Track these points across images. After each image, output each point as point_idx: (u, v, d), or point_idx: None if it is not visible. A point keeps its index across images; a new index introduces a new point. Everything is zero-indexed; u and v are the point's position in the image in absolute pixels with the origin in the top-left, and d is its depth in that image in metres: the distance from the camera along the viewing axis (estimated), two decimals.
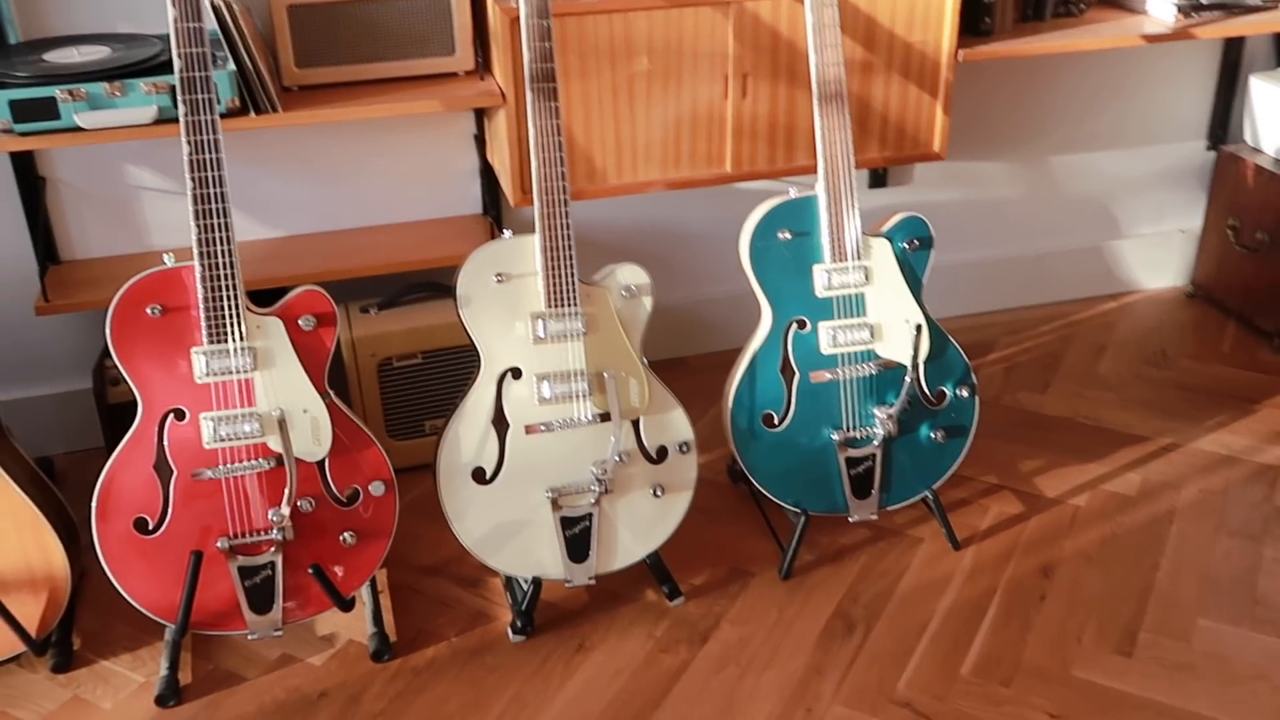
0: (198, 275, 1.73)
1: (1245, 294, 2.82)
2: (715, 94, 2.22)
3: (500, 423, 1.93)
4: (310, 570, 1.86)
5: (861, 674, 1.89)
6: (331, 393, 1.84)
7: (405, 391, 2.34)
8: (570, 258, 1.90)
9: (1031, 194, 2.89)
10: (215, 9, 1.97)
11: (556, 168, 1.88)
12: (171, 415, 1.78)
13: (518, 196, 2.19)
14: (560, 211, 1.89)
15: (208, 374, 1.76)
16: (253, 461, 1.80)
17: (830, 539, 2.19)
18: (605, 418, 1.95)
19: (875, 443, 2.08)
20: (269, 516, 1.82)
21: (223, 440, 1.78)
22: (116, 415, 2.20)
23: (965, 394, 2.12)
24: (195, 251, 1.73)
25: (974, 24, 2.39)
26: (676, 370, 2.77)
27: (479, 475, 1.93)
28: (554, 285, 1.90)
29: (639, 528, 2.01)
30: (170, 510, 1.80)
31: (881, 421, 2.06)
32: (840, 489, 2.11)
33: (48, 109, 1.96)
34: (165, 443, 1.78)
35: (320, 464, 1.85)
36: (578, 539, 1.97)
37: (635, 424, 1.98)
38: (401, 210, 2.49)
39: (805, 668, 1.90)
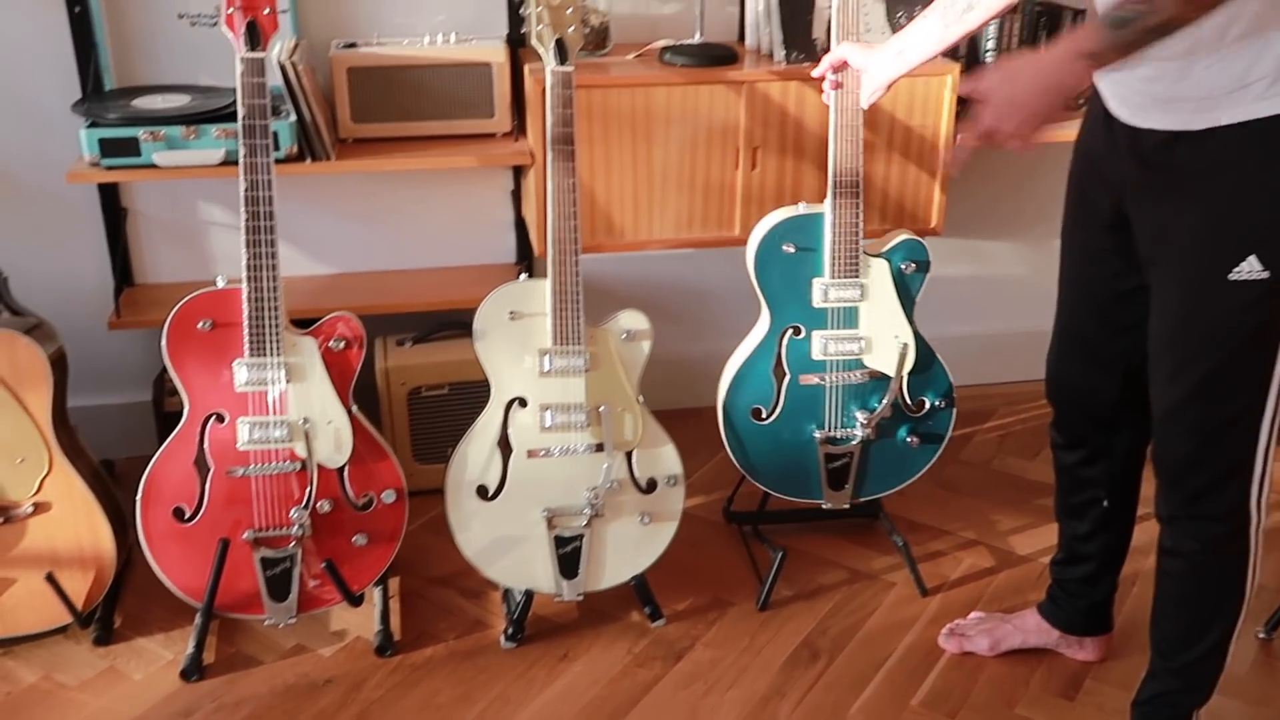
0: (245, 296, 1.98)
1: None
2: (727, 164, 2.44)
3: (505, 446, 2.14)
4: (324, 566, 2.07)
5: (819, 697, 2.04)
6: (355, 408, 2.07)
7: (432, 419, 2.56)
8: (577, 301, 2.11)
9: (1034, 272, 3.05)
10: (281, 67, 2.24)
11: (570, 221, 2.10)
12: (213, 418, 2.01)
13: (541, 246, 2.41)
14: (571, 260, 2.10)
15: (247, 383, 2.00)
16: (280, 464, 2.03)
17: (809, 577, 2.36)
18: (600, 448, 2.14)
19: (854, 442, 2.27)
20: (291, 514, 2.03)
21: (255, 443, 2.01)
22: (172, 422, 2.41)
23: (943, 405, 2.31)
24: (244, 275, 1.97)
25: None
26: (689, 419, 2.94)
27: (482, 492, 2.13)
28: (561, 325, 2.11)
29: (626, 551, 2.19)
30: (206, 502, 2.03)
31: (861, 425, 2.24)
32: (817, 480, 2.30)
33: (130, 147, 2.23)
34: (206, 442, 2.02)
35: (340, 470, 2.07)
36: (569, 557, 2.16)
37: (628, 456, 2.17)
38: (442, 255, 2.74)
39: (768, 689, 2.06)
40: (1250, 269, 1.54)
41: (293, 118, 2.28)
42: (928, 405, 2.30)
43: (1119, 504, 2.00)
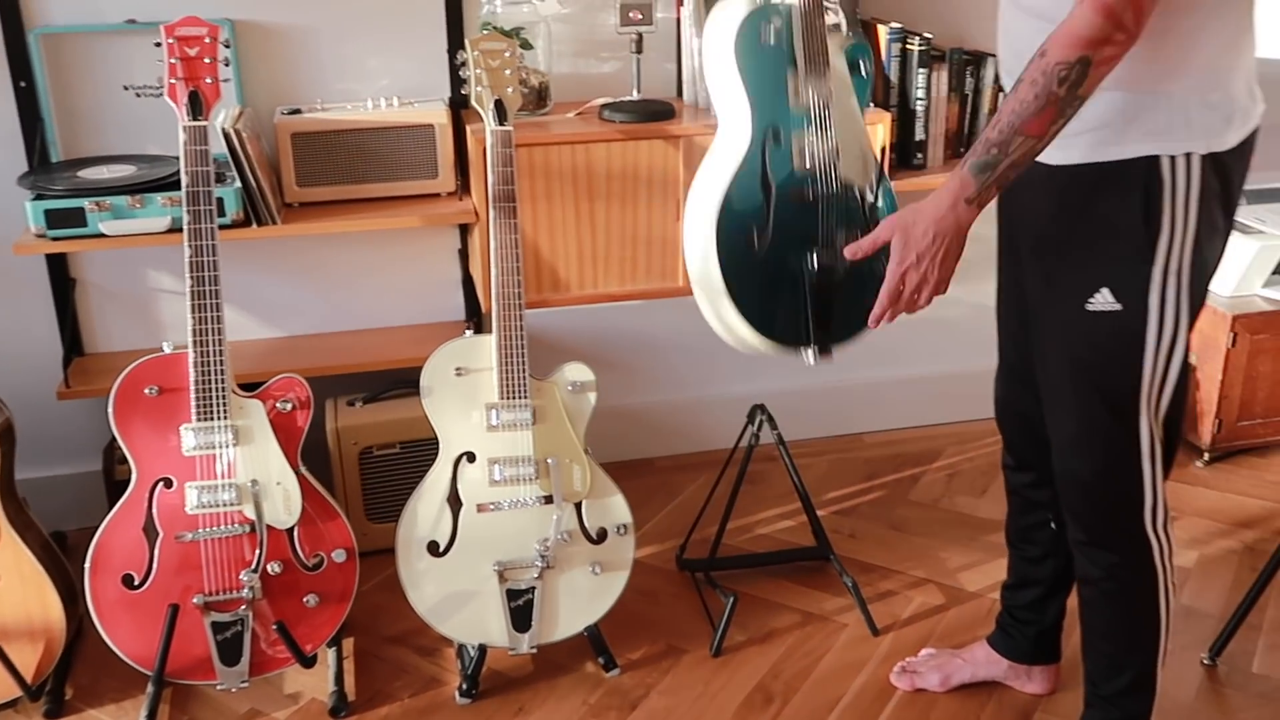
0: (191, 361, 2.00)
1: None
2: (668, 216, 2.49)
3: (455, 501, 2.15)
4: (275, 627, 2.07)
5: None
6: (304, 468, 2.08)
7: (384, 478, 2.57)
8: (522, 355, 2.14)
9: (978, 314, 3.11)
10: (225, 134, 2.27)
11: (513, 276, 2.14)
12: (161, 483, 2.02)
13: (487, 303, 2.45)
14: (515, 315, 2.14)
15: (194, 448, 2.01)
16: (229, 527, 2.04)
17: (761, 621, 2.38)
18: (550, 500, 2.17)
19: (841, 268, 2.04)
20: (241, 577, 2.04)
21: (204, 507, 2.02)
22: (123, 491, 2.43)
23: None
24: (190, 340, 1.99)
25: (907, 158, 2.66)
26: (643, 469, 2.98)
27: (433, 548, 2.15)
28: (507, 379, 2.14)
29: (579, 602, 2.21)
30: (155, 568, 2.03)
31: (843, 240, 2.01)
32: (805, 323, 2.07)
33: (77, 218, 2.25)
34: (154, 508, 2.02)
35: (290, 531, 2.08)
36: (522, 610, 2.17)
37: (578, 506, 2.19)
38: (391, 315, 2.77)
39: None
40: (1104, 301, 1.63)
41: (238, 184, 2.31)
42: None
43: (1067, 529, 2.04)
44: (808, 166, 2.05)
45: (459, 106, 2.55)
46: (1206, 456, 2.96)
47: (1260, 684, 2.20)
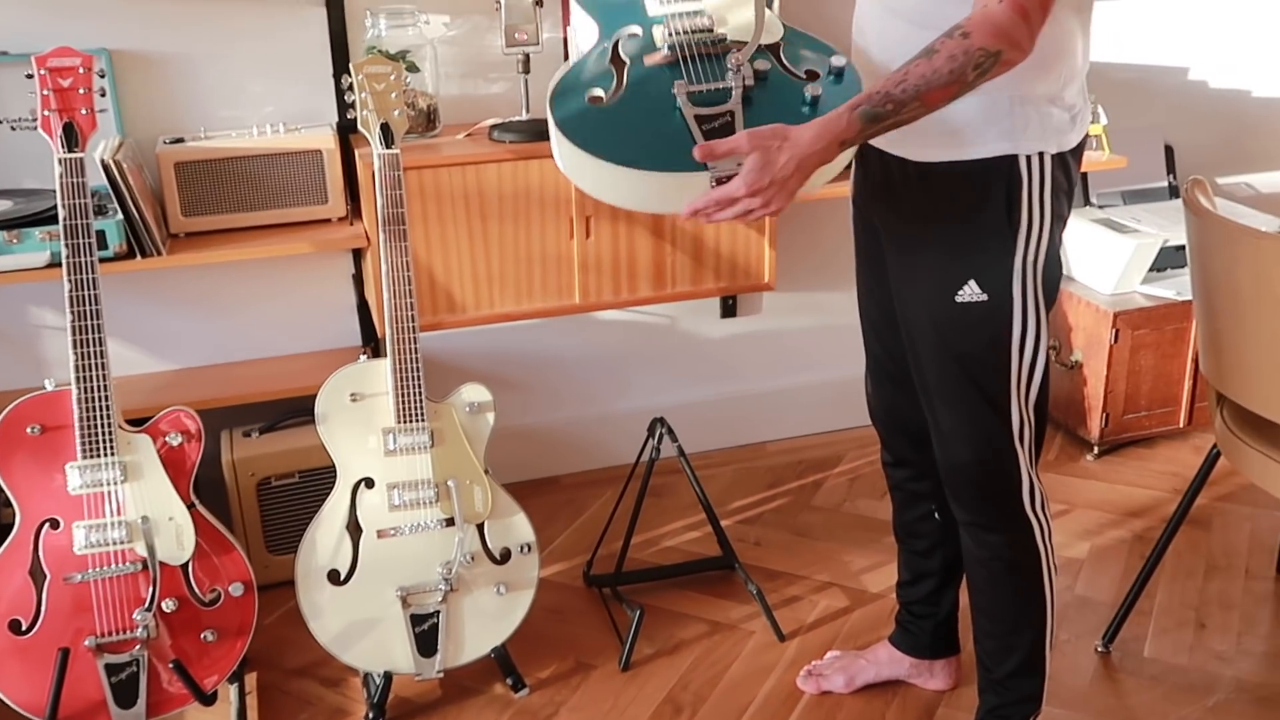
0: (75, 398, 1.95)
1: (1067, 407, 3.10)
2: (562, 234, 2.50)
3: (355, 528, 2.13)
4: (172, 666, 2.03)
5: None
6: (196, 501, 2.04)
7: (284, 508, 2.54)
8: (418, 378, 2.13)
9: None
10: (104, 165, 2.23)
11: (406, 300, 2.12)
12: (47, 524, 1.97)
13: (382, 327, 2.43)
14: (409, 338, 2.13)
15: (81, 486, 1.97)
16: (120, 565, 1.99)
17: (669, 633, 2.39)
18: (451, 522, 2.15)
19: (731, 99, 1.72)
20: (134, 616, 1.99)
21: (92, 546, 1.97)
22: (5, 534, 2.36)
23: (837, 71, 1.77)
24: (73, 376, 1.95)
25: None
26: (548, 487, 2.98)
27: (334, 577, 2.12)
28: (403, 403, 2.13)
29: (484, 623, 2.20)
30: (44, 612, 1.97)
31: (733, 71, 1.72)
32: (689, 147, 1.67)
33: None
34: (40, 550, 1.97)
35: (184, 567, 2.03)
36: (427, 635, 2.15)
37: (480, 527, 2.19)
38: (286, 343, 2.73)
39: None
40: (972, 292, 1.69)
41: (119, 216, 2.27)
42: (821, 73, 1.78)
43: (950, 515, 2.08)
44: (672, 37, 1.80)
45: (347, 131, 2.54)
46: (1096, 450, 3.05)
47: (1152, 667, 2.27)
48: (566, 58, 2.66)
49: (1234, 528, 2.72)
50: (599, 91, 1.76)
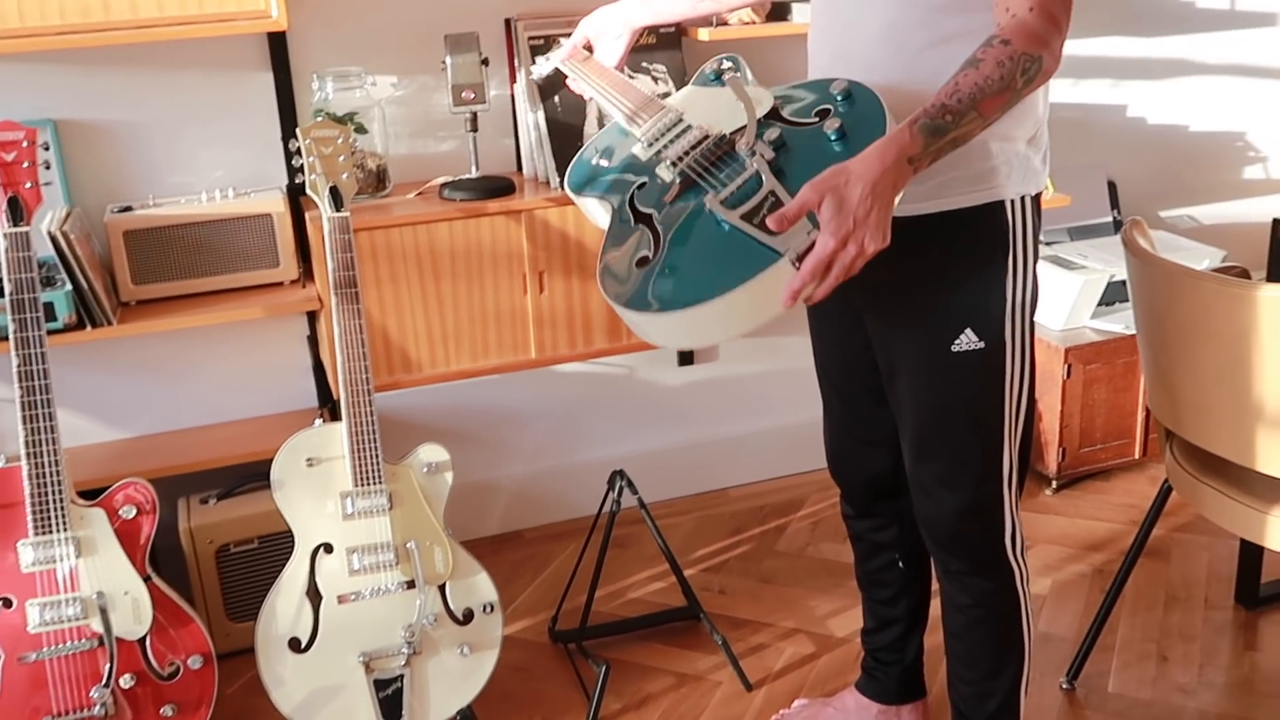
0: (25, 473, 1.93)
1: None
2: (515, 290, 2.51)
3: (314, 594, 2.11)
4: None
5: None
6: (153, 574, 2.02)
7: (243, 575, 2.51)
8: (374, 441, 2.12)
9: None
10: (52, 237, 2.22)
11: (360, 362, 2.12)
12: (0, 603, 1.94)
13: (338, 390, 2.42)
14: (364, 400, 2.12)
15: (34, 563, 1.94)
16: (76, 643, 1.96)
17: (636, 687, 2.38)
18: (412, 585, 2.14)
19: (765, 182, 1.59)
20: (92, 694, 1.96)
21: (47, 624, 1.94)
22: None
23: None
24: (23, 452, 1.92)
25: None
26: (512, 542, 2.97)
27: (295, 644, 2.10)
28: (360, 466, 2.12)
29: (449, 686, 2.18)
30: None
31: (752, 153, 1.63)
32: (756, 242, 1.56)
33: None
34: None
35: (141, 642, 2.01)
36: (391, 700, 2.13)
37: (442, 589, 2.17)
38: (242, 408, 2.71)
39: None
40: (969, 340, 1.69)
41: (68, 287, 2.26)
42: None
43: (915, 564, 2.09)
44: (677, 165, 1.71)
45: (298, 193, 2.54)
46: (1054, 484, 3.07)
47: (1116, 702, 2.28)
48: (515, 116, 2.68)
49: (1192, 558, 2.75)
50: (644, 254, 1.64)
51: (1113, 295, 3.04)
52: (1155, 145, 3.40)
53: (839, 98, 1.63)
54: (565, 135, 2.54)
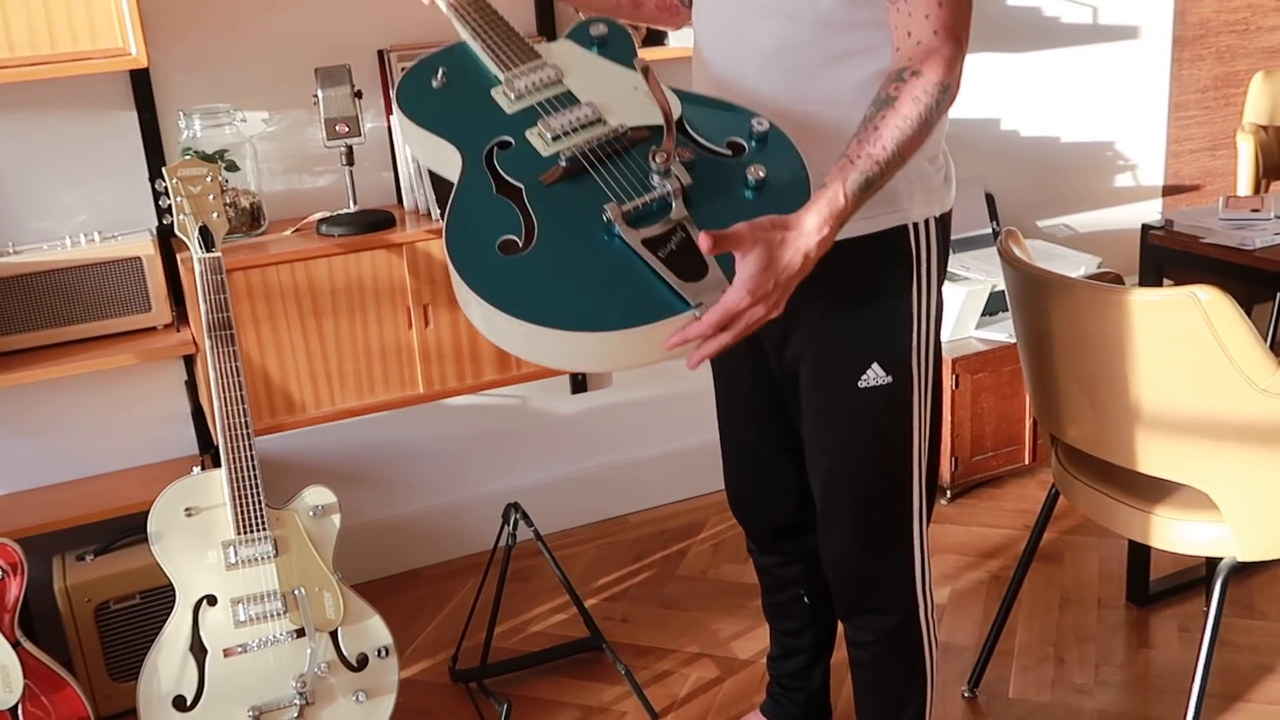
0: None
1: None
2: (400, 324, 2.46)
3: (199, 649, 2.03)
4: None
5: None
6: (22, 638, 1.92)
7: (125, 633, 2.40)
8: (256, 486, 2.05)
9: None
10: None
11: (238, 406, 2.06)
12: None
13: (216, 434, 2.34)
14: (244, 446, 2.05)
15: None
16: None
17: None
18: (302, 633, 2.07)
19: (673, 211, 1.40)
20: None
21: None
22: None
23: (762, 130, 1.49)
24: None
25: None
26: (408, 581, 2.90)
27: (180, 703, 2.02)
28: (242, 513, 2.05)
29: None
30: None
31: (660, 174, 1.42)
32: (663, 285, 1.36)
33: None
34: None
35: (13, 710, 1.91)
36: None
37: (334, 635, 2.11)
38: (117, 458, 2.61)
39: None
40: (875, 376, 1.64)
41: None
42: (746, 142, 1.50)
43: (820, 597, 2.07)
44: (560, 143, 1.48)
45: (167, 235, 2.46)
46: (949, 494, 3.11)
47: (1017, 708, 2.30)
48: (393, 148, 2.64)
49: (1083, 559, 2.80)
50: (510, 236, 1.41)
51: (995, 305, 3.10)
52: (1029, 157, 3.48)
53: (754, 138, 1.48)
54: None
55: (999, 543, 2.90)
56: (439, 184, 2.49)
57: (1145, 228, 2.48)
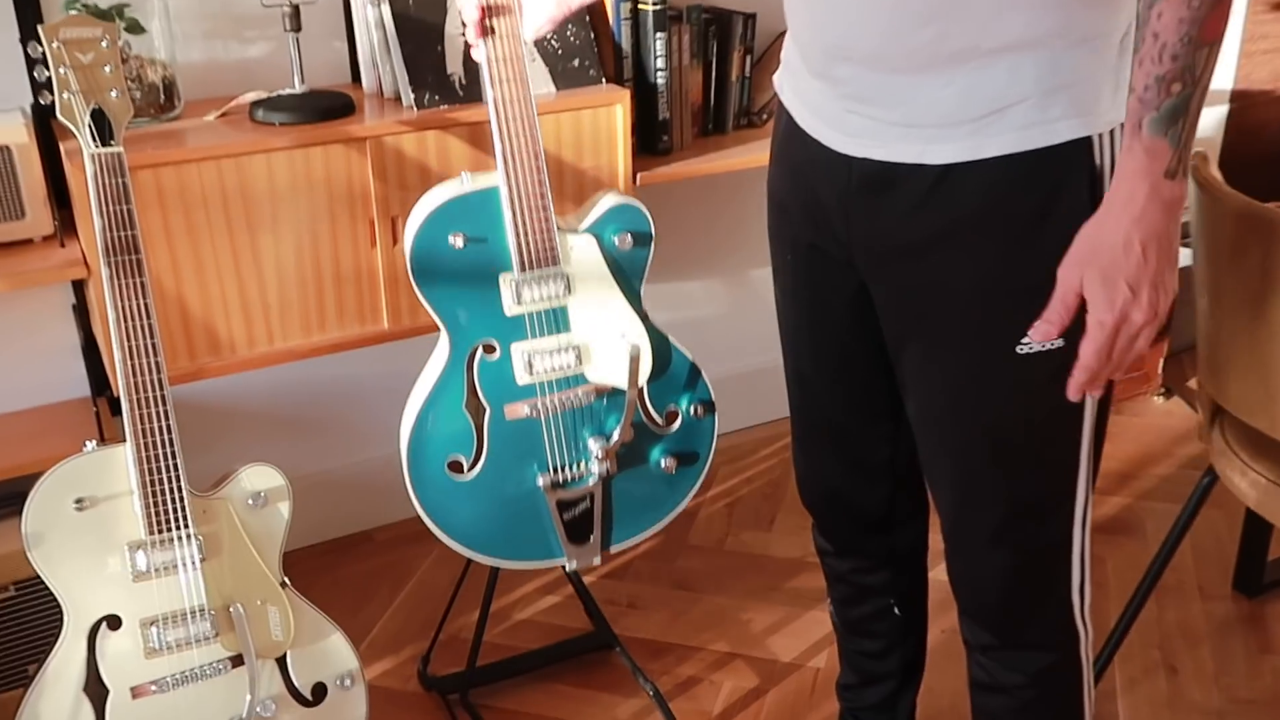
0: None
1: None
2: (361, 242, 1.91)
3: (97, 688, 1.51)
4: None
5: None
6: None
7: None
8: (174, 468, 1.52)
9: (735, 310, 2.70)
10: None
11: (147, 358, 1.51)
12: None
13: (118, 387, 1.78)
14: (157, 413, 1.51)
15: None
16: None
17: None
18: (240, 661, 1.56)
19: (591, 482, 1.70)
20: None
21: None
22: None
23: (699, 413, 1.75)
24: None
25: (651, 143, 2.18)
26: (361, 549, 2.39)
27: None
28: (154, 505, 1.51)
29: None
30: None
31: (597, 459, 1.68)
32: (554, 536, 1.71)
33: None
34: None
35: None
36: None
37: (281, 661, 1.60)
38: None
39: None
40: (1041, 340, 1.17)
41: None
42: (681, 415, 1.75)
43: (912, 609, 1.63)
44: (536, 378, 1.65)
45: (48, 117, 1.85)
46: None
47: None
48: (349, 10, 2.04)
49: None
50: (459, 457, 1.66)
51: None
52: None
53: (695, 415, 1.75)
54: (420, 36, 1.93)
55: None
56: None
57: None
